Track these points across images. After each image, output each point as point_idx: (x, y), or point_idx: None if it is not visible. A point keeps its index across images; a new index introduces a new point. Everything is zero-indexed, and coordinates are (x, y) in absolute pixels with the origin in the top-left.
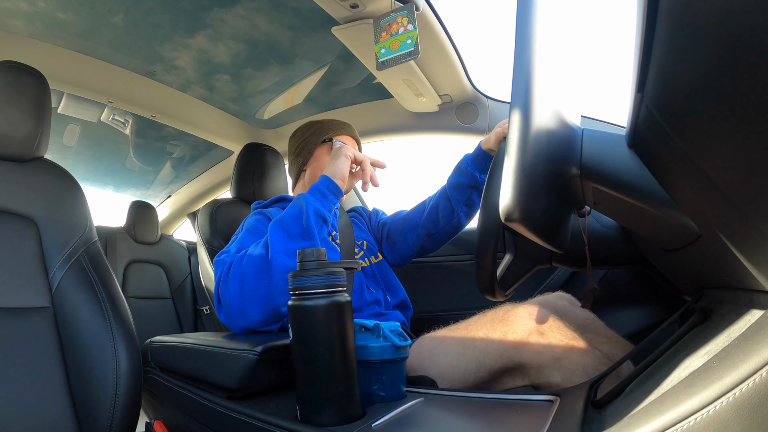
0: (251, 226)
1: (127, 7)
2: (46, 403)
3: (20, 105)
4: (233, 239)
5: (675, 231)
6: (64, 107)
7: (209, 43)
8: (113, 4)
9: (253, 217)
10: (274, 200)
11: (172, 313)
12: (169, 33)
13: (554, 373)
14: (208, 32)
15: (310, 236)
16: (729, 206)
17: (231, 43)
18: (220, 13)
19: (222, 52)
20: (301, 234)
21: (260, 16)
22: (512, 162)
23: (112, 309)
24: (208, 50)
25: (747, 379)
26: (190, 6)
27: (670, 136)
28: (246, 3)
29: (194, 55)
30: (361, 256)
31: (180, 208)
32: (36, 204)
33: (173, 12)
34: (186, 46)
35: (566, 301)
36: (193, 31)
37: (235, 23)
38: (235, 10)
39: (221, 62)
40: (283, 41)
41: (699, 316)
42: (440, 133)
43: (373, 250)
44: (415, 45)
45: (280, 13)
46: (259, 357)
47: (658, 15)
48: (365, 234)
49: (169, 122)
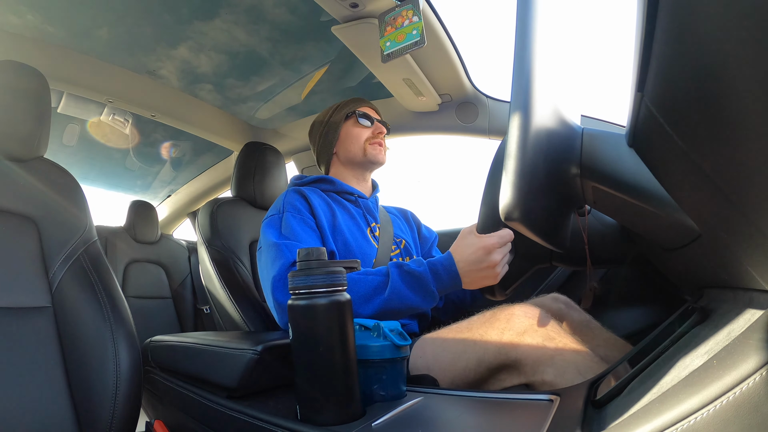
0: (292, 208)
1: (111, 21)
2: (46, 403)
3: (20, 104)
4: (273, 221)
5: (675, 230)
6: (64, 107)
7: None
8: (98, 19)
9: (293, 195)
10: (313, 179)
11: (172, 313)
12: (153, 45)
13: (548, 371)
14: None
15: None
16: (729, 206)
17: (229, 45)
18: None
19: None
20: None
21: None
22: (512, 161)
23: (112, 309)
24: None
25: (747, 378)
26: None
27: (670, 136)
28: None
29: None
30: (397, 254)
31: (180, 207)
32: (36, 203)
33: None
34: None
35: (562, 303)
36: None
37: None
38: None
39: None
40: (264, 49)
41: (699, 316)
42: (440, 132)
43: (410, 251)
44: (421, 35)
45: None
46: (259, 356)
47: (658, 14)
48: (405, 234)
49: (169, 122)
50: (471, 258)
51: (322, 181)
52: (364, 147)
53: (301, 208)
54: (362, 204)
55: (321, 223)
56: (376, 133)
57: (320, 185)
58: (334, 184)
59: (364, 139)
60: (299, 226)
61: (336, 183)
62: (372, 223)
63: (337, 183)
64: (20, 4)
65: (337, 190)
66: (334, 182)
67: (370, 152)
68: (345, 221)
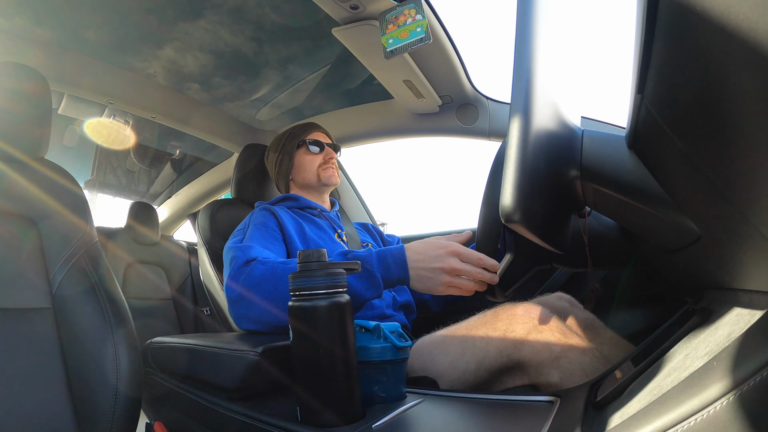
0: (258, 221)
1: (98, 24)
2: (46, 404)
3: (21, 106)
4: (237, 233)
5: (675, 232)
6: (65, 108)
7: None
8: (85, 21)
9: (260, 212)
10: (278, 199)
11: (172, 314)
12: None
13: (553, 373)
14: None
15: None
16: (729, 207)
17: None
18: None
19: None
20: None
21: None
22: (512, 163)
23: (112, 310)
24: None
25: (747, 379)
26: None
27: (670, 137)
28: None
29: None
30: None
31: (180, 209)
32: (36, 205)
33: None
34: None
35: (566, 301)
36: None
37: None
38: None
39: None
40: (265, 51)
41: (699, 317)
42: (441, 134)
43: None
44: (426, 32)
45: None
46: (260, 358)
47: (658, 16)
48: (369, 238)
49: (170, 123)
50: (424, 250)
51: (287, 199)
52: (317, 173)
53: (267, 222)
54: (327, 216)
55: (290, 235)
56: (327, 159)
57: (285, 203)
58: (297, 200)
59: (317, 165)
60: (261, 235)
61: (300, 199)
62: (338, 230)
63: (301, 199)
64: (8, 7)
65: (301, 206)
66: (297, 199)
67: (323, 176)
68: (312, 230)
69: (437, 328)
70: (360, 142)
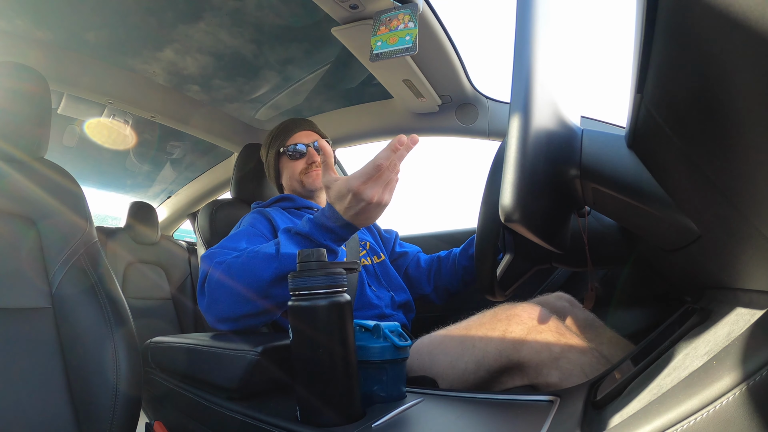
0: (246, 225)
1: (98, 26)
2: (46, 404)
3: (21, 106)
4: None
5: (675, 231)
6: (64, 108)
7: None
8: (85, 23)
9: (251, 216)
10: (274, 200)
11: (172, 314)
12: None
13: (552, 373)
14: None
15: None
16: (728, 207)
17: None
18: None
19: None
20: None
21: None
22: (512, 163)
23: (112, 309)
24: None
25: (747, 379)
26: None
27: (670, 137)
28: None
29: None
30: (363, 255)
31: (180, 208)
32: (36, 205)
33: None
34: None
35: (566, 301)
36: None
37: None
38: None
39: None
40: (264, 51)
41: (699, 317)
42: (440, 134)
43: (375, 250)
44: (414, 42)
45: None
46: (259, 357)
47: (658, 16)
48: (367, 236)
49: (169, 123)
50: (348, 205)
51: (283, 200)
52: (300, 179)
53: (259, 225)
54: None
55: None
56: (309, 163)
57: (281, 203)
58: (293, 201)
59: (298, 172)
60: (247, 239)
61: (296, 200)
62: None
63: (297, 199)
64: (8, 9)
65: (297, 206)
66: (293, 199)
67: (307, 182)
68: None
69: (437, 328)
70: (359, 142)
